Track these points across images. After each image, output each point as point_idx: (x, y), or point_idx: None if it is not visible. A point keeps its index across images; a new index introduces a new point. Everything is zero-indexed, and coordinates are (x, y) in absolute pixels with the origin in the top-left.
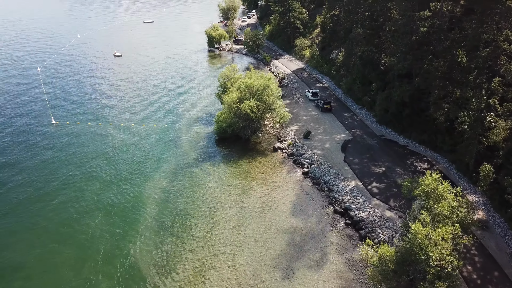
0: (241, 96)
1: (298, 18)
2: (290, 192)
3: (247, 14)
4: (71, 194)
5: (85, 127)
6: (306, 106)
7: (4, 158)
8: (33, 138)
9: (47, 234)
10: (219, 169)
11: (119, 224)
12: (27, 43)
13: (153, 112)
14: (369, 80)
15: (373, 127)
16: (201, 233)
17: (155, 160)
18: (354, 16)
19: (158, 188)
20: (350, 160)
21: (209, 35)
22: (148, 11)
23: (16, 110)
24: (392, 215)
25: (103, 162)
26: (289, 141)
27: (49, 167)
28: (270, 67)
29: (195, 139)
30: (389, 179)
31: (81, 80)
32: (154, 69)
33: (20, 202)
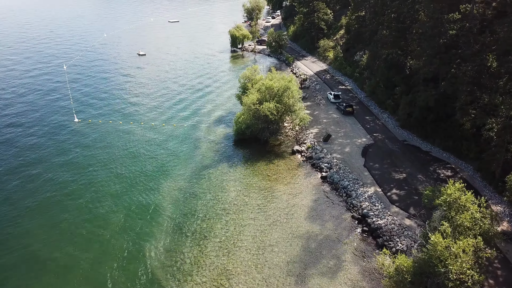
0: (261, 97)
1: (323, 19)
2: (307, 197)
3: (272, 15)
4: (90, 194)
5: (106, 126)
6: (327, 109)
7: (26, 155)
8: (55, 136)
9: (67, 233)
10: (236, 171)
11: (138, 225)
12: (56, 42)
13: (173, 112)
14: (393, 83)
15: (395, 131)
16: (216, 237)
17: (173, 161)
18: (380, 18)
19: (177, 189)
20: (370, 165)
21: (232, 36)
22: (173, 11)
23: (41, 107)
24: (411, 224)
25: (122, 161)
26: (308, 144)
27: (67, 165)
28: (293, 68)
29: (214, 140)
30: (409, 186)
31: (104, 79)
32: (176, 69)
33: (38, 199)
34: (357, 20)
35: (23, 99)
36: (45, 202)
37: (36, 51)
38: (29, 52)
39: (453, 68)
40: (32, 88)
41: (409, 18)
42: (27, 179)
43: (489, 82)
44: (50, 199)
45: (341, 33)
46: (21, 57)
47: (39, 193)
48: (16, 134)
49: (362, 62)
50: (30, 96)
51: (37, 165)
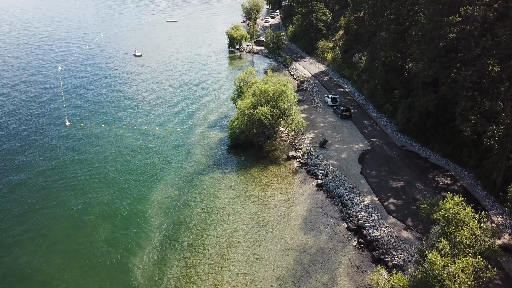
0: (255, 101)
1: (322, 20)
2: (302, 206)
3: (271, 14)
4: (77, 201)
5: (98, 129)
6: (325, 112)
7: (11, 159)
8: (43, 140)
9: (52, 243)
10: (230, 178)
11: (126, 236)
12: (52, 41)
13: (167, 115)
14: (392, 86)
15: (393, 136)
16: (206, 249)
17: (165, 167)
18: (379, 19)
19: (167, 198)
20: (367, 173)
21: (230, 36)
22: (172, 10)
23: (32, 109)
24: (408, 236)
25: (112, 167)
26: (304, 150)
27: (54, 171)
28: (290, 69)
29: (208, 145)
30: (407, 195)
31: (98, 81)
32: (172, 70)
33: (22, 206)
34: (356, 21)
35: (13, 100)
36: (30, 209)
37: (32, 52)
38: (24, 53)
39: (453, 72)
40: (25, 89)
41: (408, 20)
42: (10, 184)
43: (490, 87)
44: (35, 205)
45: (340, 34)
46: (16, 57)
47: (23, 199)
48: (1, 136)
49: (361, 64)
50: (21, 98)
51: (22, 170)
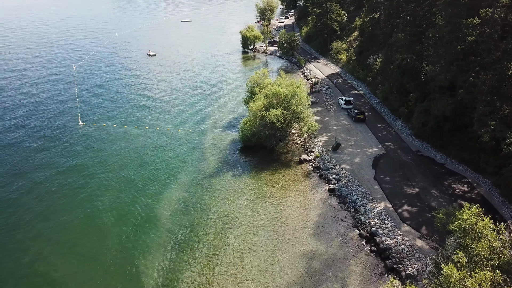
0: (267, 103)
1: (336, 20)
2: (314, 211)
3: (285, 15)
4: (86, 202)
5: (110, 130)
6: (338, 115)
7: (25, 158)
8: (57, 139)
9: (63, 245)
10: (240, 181)
11: (136, 239)
12: (69, 41)
13: (179, 116)
14: (407, 89)
15: (408, 141)
16: (216, 255)
17: (176, 169)
18: (395, 20)
19: (178, 200)
20: (380, 178)
21: (244, 36)
22: (187, 10)
23: (46, 109)
24: (423, 245)
25: (122, 169)
26: (316, 153)
27: (66, 169)
28: (304, 70)
29: (219, 146)
30: (422, 202)
31: (112, 80)
32: (185, 71)
33: (31, 206)
34: (371, 22)
35: (28, 100)
36: (42, 209)
37: (48, 51)
38: (41, 52)
39: (472, 76)
40: (40, 88)
41: (425, 21)
42: (17, 185)
43: (510, 92)
44: (46, 206)
45: (354, 35)
46: (33, 56)
47: (33, 200)
48: (14, 136)
49: (376, 66)
50: (36, 97)
51: (34, 169)
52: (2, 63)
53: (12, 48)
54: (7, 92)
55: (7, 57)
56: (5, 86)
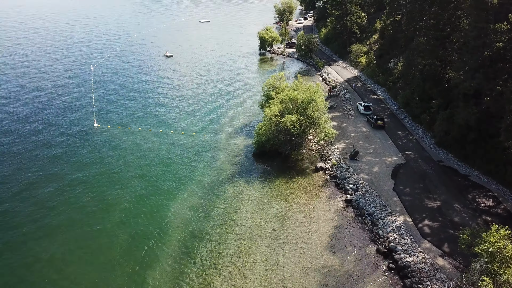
0: (283, 108)
1: (356, 23)
2: (329, 223)
3: (304, 16)
4: (94, 204)
5: (125, 132)
6: (357, 121)
7: (38, 157)
8: (71, 140)
9: (69, 248)
10: (253, 188)
11: (144, 246)
12: (88, 41)
13: (194, 119)
14: (429, 95)
15: (430, 150)
16: (225, 266)
17: (188, 174)
18: (417, 24)
19: (189, 207)
20: (400, 190)
21: (261, 38)
22: (205, 10)
23: (63, 109)
24: (445, 264)
25: (134, 171)
26: (333, 161)
27: (77, 171)
28: (322, 73)
29: (233, 152)
30: (444, 217)
31: (128, 82)
32: (201, 72)
33: (41, 209)
34: (393, 25)
35: (45, 99)
36: (47, 211)
37: (68, 51)
38: (61, 51)
39: (499, 85)
40: (57, 88)
41: (450, 25)
42: (29, 183)
43: None
44: (53, 207)
45: (374, 38)
46: (53, 57)
47: (41, 200)
48: (27, 137)
49: (396, 70)
50: (53, 97)
51: (44, 169)
52: (23, 63)
53: (33, 49)
54: (24, 90)
55: (27, 58)
56: (22, 85)
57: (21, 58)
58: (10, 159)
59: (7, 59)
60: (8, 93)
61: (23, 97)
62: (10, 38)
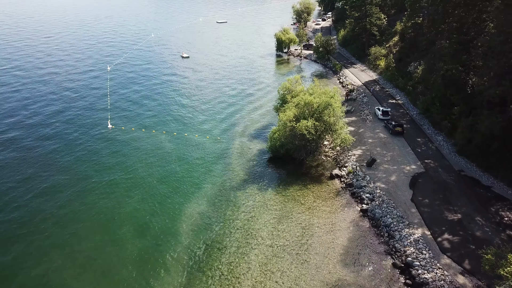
0: (299, 113)
1: (376, 24)
2: (343, 233)
3: (322, 17)
4: (106, 209)
5: (138, 134)
6: (374, 126)
7: (51, 158)
8: (85, 141)
9: (76, 252)
10: (266, 195)
11: (154, 254)
12: (106, 41)
13: (208, 122)
14: (451, 101)
15: (451, 158)
16: (237, 278)
17: (201, 178)
18: (440, 26)
19: (200, 213)
20: (418, 200)
21: (278, 39)
22: (223, 10)
23: (78, 109)
24: (465, 283)
25: (146, 175)
26: (349, 169)
27: (89, 173)
28: (339, 76)
29: (247, 156)
30: (465, 231)
31: (144, 83)
32: (217, 74)
33: (51, 210)
34: (414, 28)
35: (62, 100)
36: (58, 215)
37: (85, 50)
38: (79, 52)
39: None
40: (74, 89)
41: (474, 29)
42: (43, 184)
43: None
44: (65, 211)
45: (394, 40)
46: (71, 56)
47: (53, 203)
48: (42, 135)
49: (417, 74)
50: (69, 97)
51: (58, 170)
52: (47, 63)
53: (58, 48)
54: (40, 90)
55: (51, 59)
56: (39, 84)
57: (46, 58)
58: (25, 161)
59: (33, 58)
60: (28, 92)
61: (36, 96)
62: (37, 38)
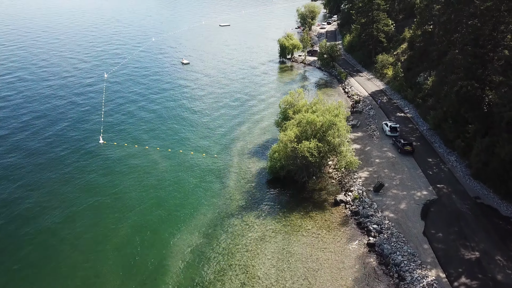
0: (300, 133)
1: (383, 31)
2: (348, 273)
3: (327, 20)
4: (87, 234)
5: (130, 150)
6: (382, 144)
7: (38, 172)
8: (72, 158)
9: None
10: (264, 224)
11: None
12: (106, 45)
13: (205, 137)
14: (464, 118)
15: (465, 182)
16: None
17: (194, 203)
18: (453, 35)
19: (190, 245)
20: (431, 234)
21: (282, 45)
22: (227, 12)
23: (71, 121)
24: None
25: (133, 196)
26: (355, 194)
27: (73, 191)
28: (345, 86)
29: (245, 177)
30: (484, 273)
31: (140, 93)
32: (217, 82)
33: (36, 225)
34: (423, 36)
35: (52, 111)
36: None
37: (84, 56)
38: (78, 57)
39: None
40: (65, 97)
41: (491, 41)
42: (27, 199)
43: None
44: (44, 229)
45: (402, 48)
46: (67, 61)
47: (35, 217)
48: (26, 150)
49: (426, 85)
50: (63, 106)
51: (44, 186)
52: (42, 68)
53: (54, 53)
54: (29, 99)
55: (47, 63)
56: (29, 93)
57: (42, 63)
58: (5, 178)
59: (28, 63)
60: (15, 100)
61: (31, 107)
62: (36, 41)
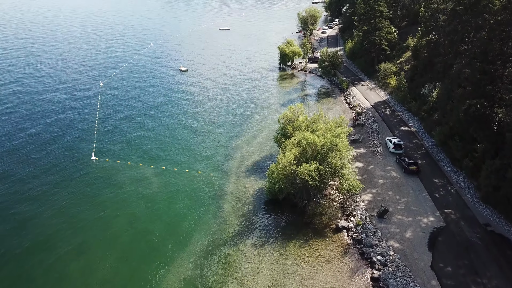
0: (300, 153)
1: (386, 39)
2: None
3: (329, 24)
4: (69, 276)
5: (123, 168)
6: (386, 162)
7: (26, 189)
8: (60, 177)
9: None
10: (261, 254)
11: None
12: (103, 51)
13: (201, 153)
14: (472, 136)
15: (474, 207)
16: None
17: (187, 229)
18: (459, 47)
19: (181, 279)
20: (440, 268)
21: (282, 52)
22: (227, 15)
23: (63, 134)
24: None
25: (122, 219)
26: (357, 220)
27: (53, 221)
28: (346, 95)
29: (242, 198)
30: None
31: (137, 103)
32: (215, 92)
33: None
34: (428, 46)
35: (42, 123)
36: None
37: (83, 61)
38: (76, 62)
39: None
40: (57, 109)
41: (501, 57)
42: (17, 217)
43: None
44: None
45: (406, 56)
46: (61, 68)
47: (24, 236)
48: (19, 161)
49: (431, 98)
50: (55, 119)
51: (32, 203)
52: (35, 75)
53: (48, 58)
54: (19, 109)
55: (41, 67)
56: (24, 108)
57: (37, 67)
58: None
59: (22, 70)
60: (9, 107)
61: (19, 118)
62: (34, 45)
